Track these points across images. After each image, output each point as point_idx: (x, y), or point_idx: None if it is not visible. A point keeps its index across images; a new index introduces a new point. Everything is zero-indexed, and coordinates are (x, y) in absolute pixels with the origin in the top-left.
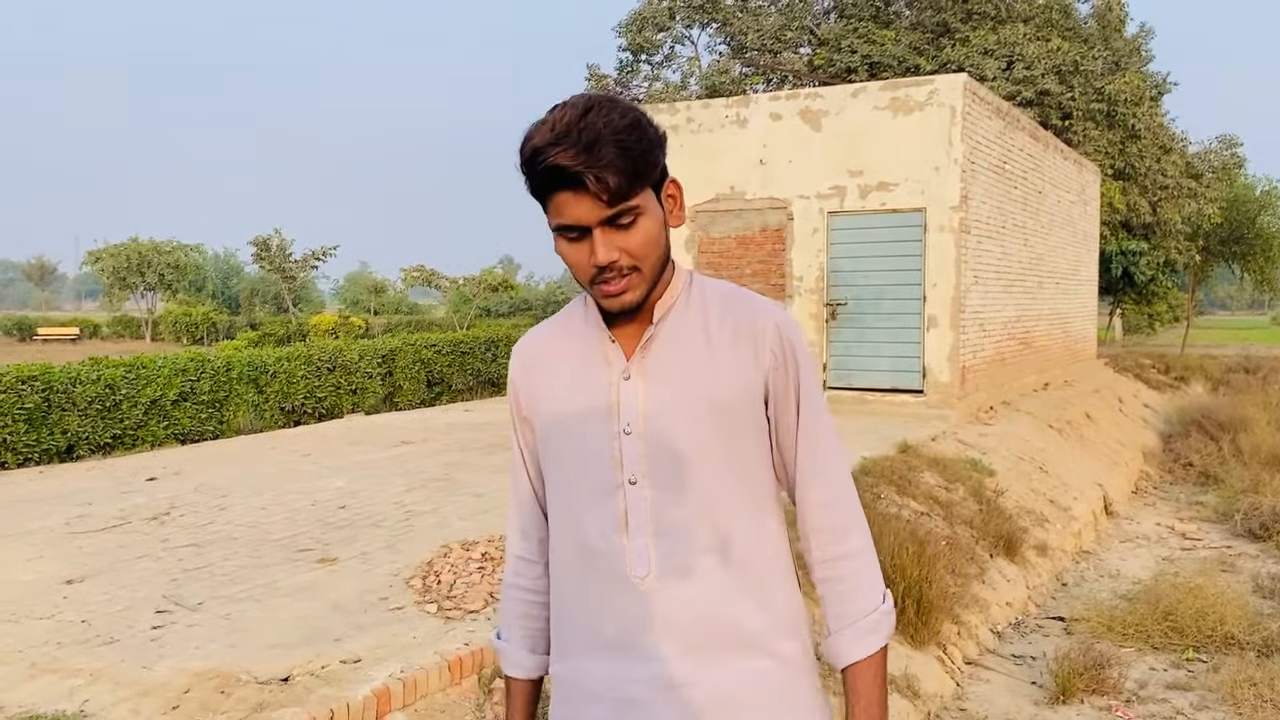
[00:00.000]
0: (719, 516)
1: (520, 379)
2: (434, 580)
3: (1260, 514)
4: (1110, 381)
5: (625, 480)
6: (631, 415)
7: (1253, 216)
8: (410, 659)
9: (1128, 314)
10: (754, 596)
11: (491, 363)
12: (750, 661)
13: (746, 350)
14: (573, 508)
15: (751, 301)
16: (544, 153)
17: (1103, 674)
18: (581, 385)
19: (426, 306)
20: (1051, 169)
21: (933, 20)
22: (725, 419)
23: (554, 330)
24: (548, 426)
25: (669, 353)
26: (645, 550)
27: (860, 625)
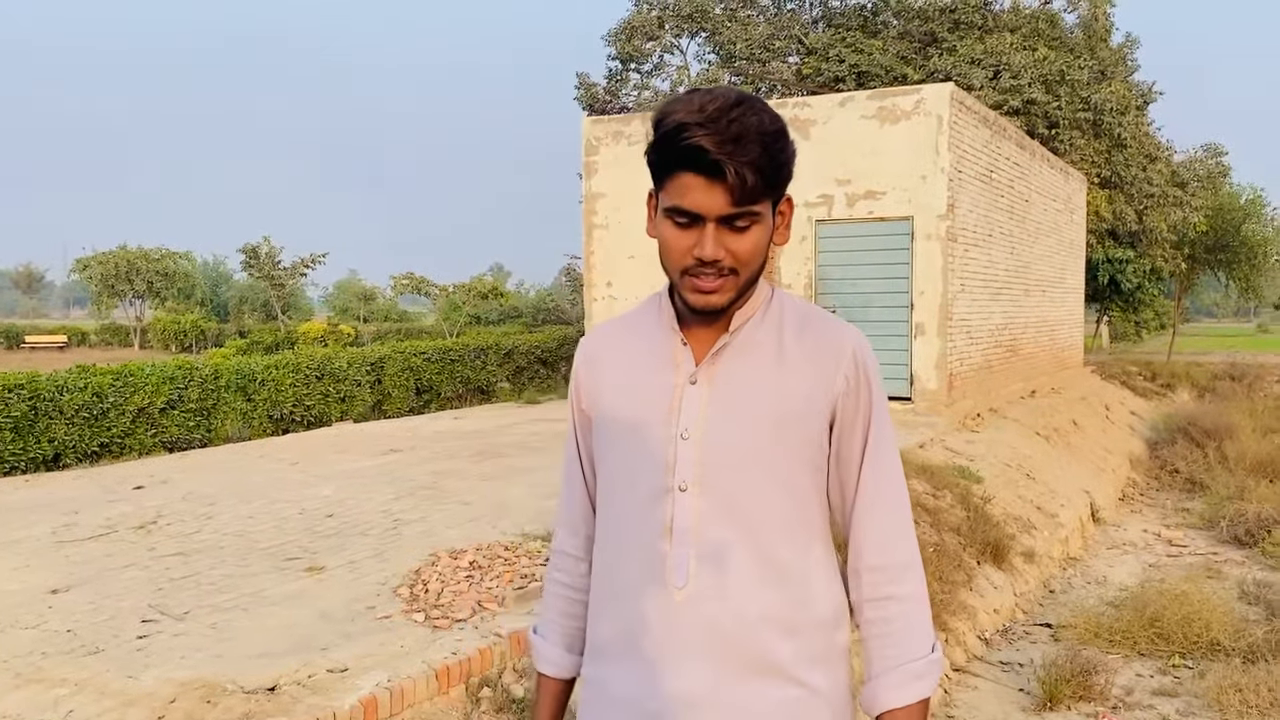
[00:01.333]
0: (765, 535)
1: (583, 373)
2: (421, 589)
3: (1246, 520)
4: (1097, 389)
5: (676, 486)
6: (691, 420)
7: (1238, 225)
8: (397, 668)
9: (1114, 321)
10: (789, 622)
11: (481, 370)
12: (778, 689)
13: (819, 371)
14: (620, 508)
15: (831, 324)
16: (689, 130)
17: (1090, 680)
18: (645, 384)
19: (416, 314)
20: (1038, 177)
21: (920, 30)
22: (785, 437)
23: (622, 327)
24: (605, 422)
25: (739, 363)
26: (686, 560)
27: (906, 670)
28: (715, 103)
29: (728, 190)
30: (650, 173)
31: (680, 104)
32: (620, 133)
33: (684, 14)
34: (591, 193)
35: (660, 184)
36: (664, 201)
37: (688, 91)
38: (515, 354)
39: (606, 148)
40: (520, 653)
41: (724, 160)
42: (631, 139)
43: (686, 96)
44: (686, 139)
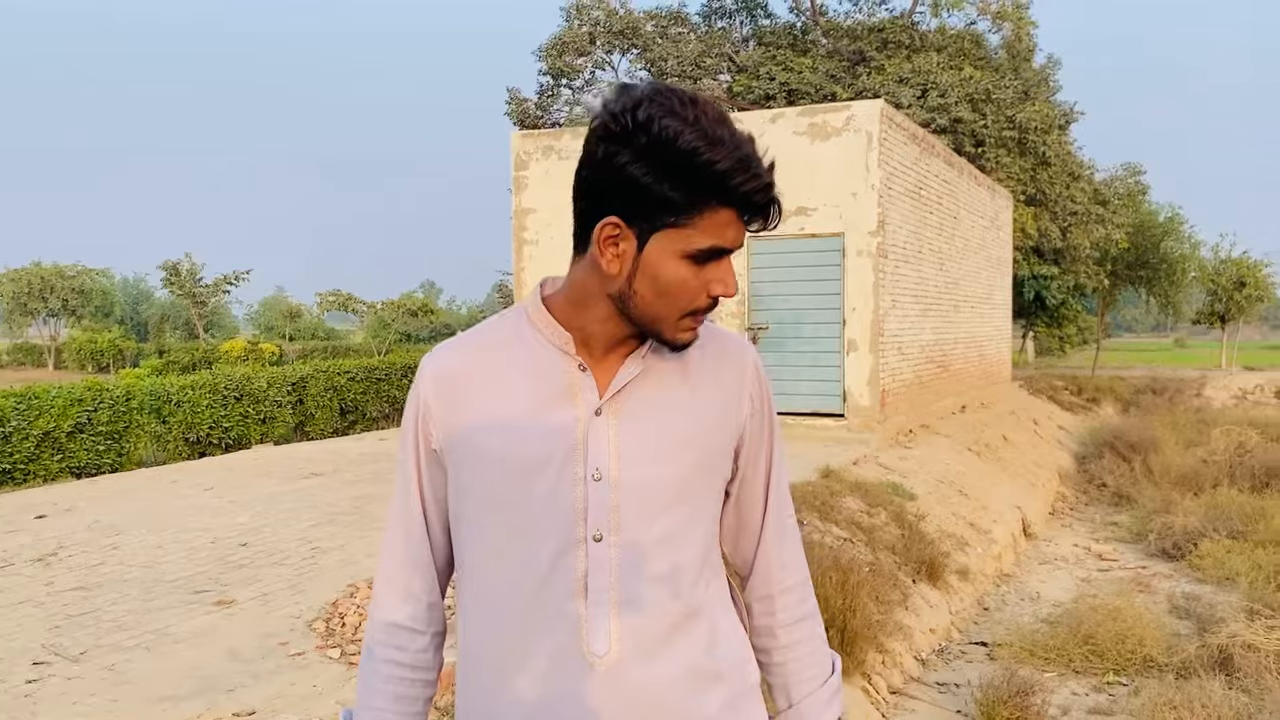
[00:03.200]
0: (687, 583)
1: (434, 403)
2: (338, 623)
3: (1173, 534)
4: (1025, 404)
5: (588, 536)
6: (601, 459)
7: (1157, 242)
8: (309, 710)
9: (1040, 337)
10: (714, 675)
11: (409, 390)
12: None
13: (726, 394)
14: (512, 568)
15: (727, 338)
16: (755, 168)
17: (1026, 701)
18: (536, 418)
19: (344, 332)
20: (966, 195)
21: (849, 49)
22: (703, 471)
23: (486, 345)
24: (479, 464)
25: (647, 390)
26: (605, 622)
27: (828, 687)
28: (745, 135)
29: (744, 226)
30: (625, 193)
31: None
32: (551, 148)
33: (615, 30)
34: (521, 208)
35: (675, 217)
36: (693, 240)
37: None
38: None
39: (537, 163)
40: (445, 688)
41: (777, 200)
42: (562, 154)
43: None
44: (753, 181)
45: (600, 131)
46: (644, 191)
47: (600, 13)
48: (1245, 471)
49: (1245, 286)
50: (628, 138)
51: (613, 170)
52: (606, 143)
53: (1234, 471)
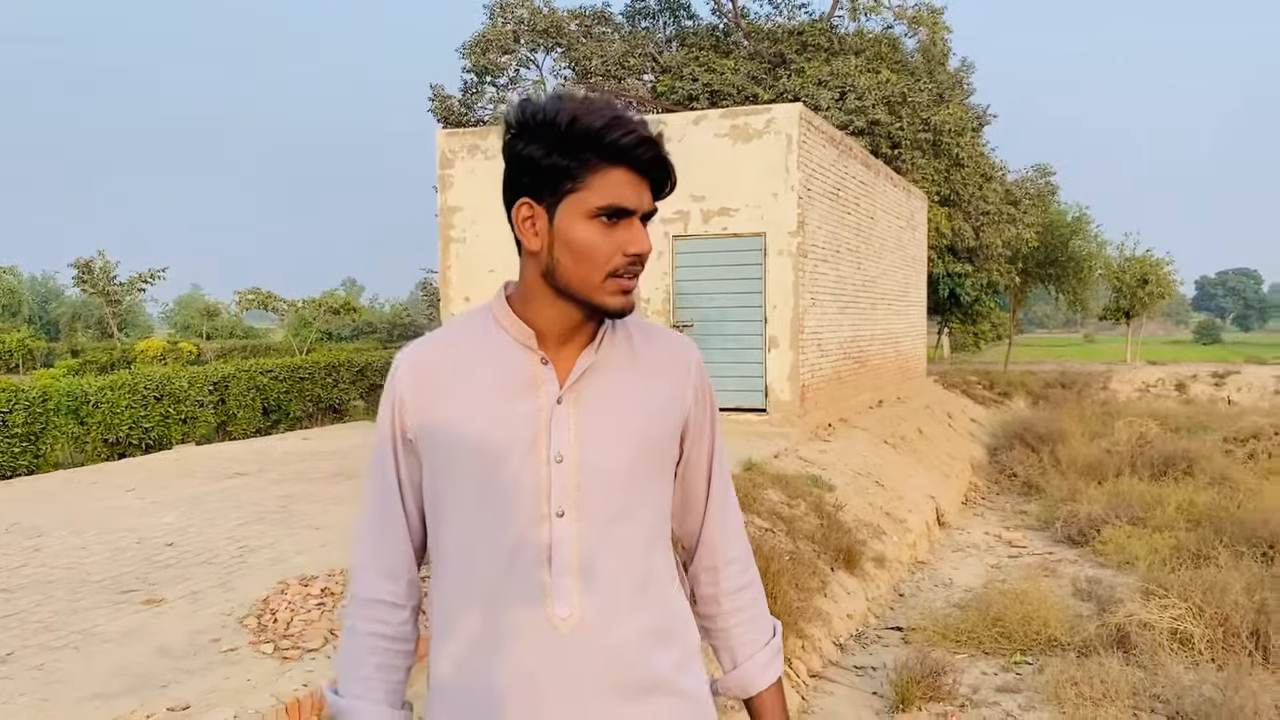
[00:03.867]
0: (640, 554)
1: (409, 395)
2: (270, 619)
3: (1078, 521)
4: (940, 398)
5: (553, 512)
6: (563, 444)
7: (1065, 240)
8: (244, 703)
9: (954, 333)
10: (664, 635)
11: (333, 389)
12: (663, 702)
13: (672, 385)
14: (485, 542)
15: (670, 336)
16: (630, 126)
17: (938, 681)
18: (504, 407)
19: (263, 330)
20: (882, 195)
21: (770, 51)
22: (653, 454)
23: (456, 342)
24: (453, 450)
25: (602, 381)
26: (569, 588)
27: (769, 649)
28: (609, 103)
29: (649, 186)
30: (526, 174)
31: (580, 103)
32: (476, 146)
33: (539, 29)
34: (447, 206)
35: (571, 182)
36: (590, 200)
37: (563, 96)
38: (369, 371)
39: (462, 161)
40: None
41: (664, 158)
42: (488, 153)
43: (580, 98)
44: (631, 132)
45: (507, 136)
46: (540, 167)
47: (524, 11)
48: (1145, 461)
49: (1148, 284)
50: (521, 128)
51: (515, 158)
52: (509, 141)
53: (1135, 461)
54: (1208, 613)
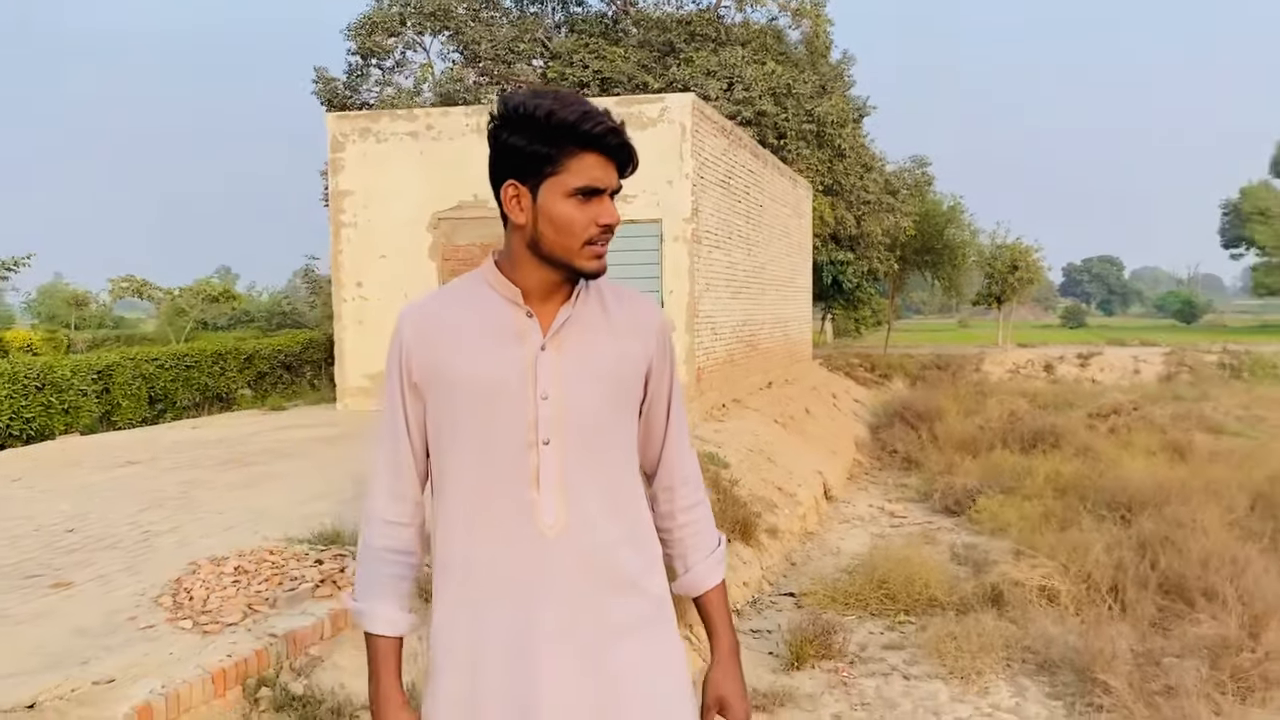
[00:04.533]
0: (612, 475)
1: (415, 345)
2: (185, 597)
3: (954, 492)
4: (825, 380)
5: (539, 440)
6: (548, 383)
7: (941, 229)
8: (170, 675)
9: (837, 319)
10: (633, 543)
11: (220, 377)
12: (632, 599)
13: (639, 337)
14: (486, 467)
15: (638, 297)
16: (599, 119)
17: (830, 640)
18: (499, 353)
19: (134, 320)
20: (770, 184)
21: (659, 40)
22: (622, 391)
23: (453, 301)
24: (455, 389)
25: (579, 332)
26: (554, 503)
27: (715, 556)
28: (577, 97)
29: (617, 168)
30: (511, 160)
31: (556, 98)
32: (368, 129)
33: (426, 11)
34: (339, 190)
35: (551, 169)
36: (561, 185)
37: (544, 90)
38: (257, 359)
39: (354, 145)
40: (299, 652)
41: (628, 143)
42: (380, 136)
43: (554, 94)
44: (601, 123)
45: (492, 126)
46: (524, 154)
47: None
48: (1016, 436)
49: (1018, 270)
50: (505, 121)
51: (501, 147)
52: (495, 132)
53: (1006, 436)
54: (1072, 571)
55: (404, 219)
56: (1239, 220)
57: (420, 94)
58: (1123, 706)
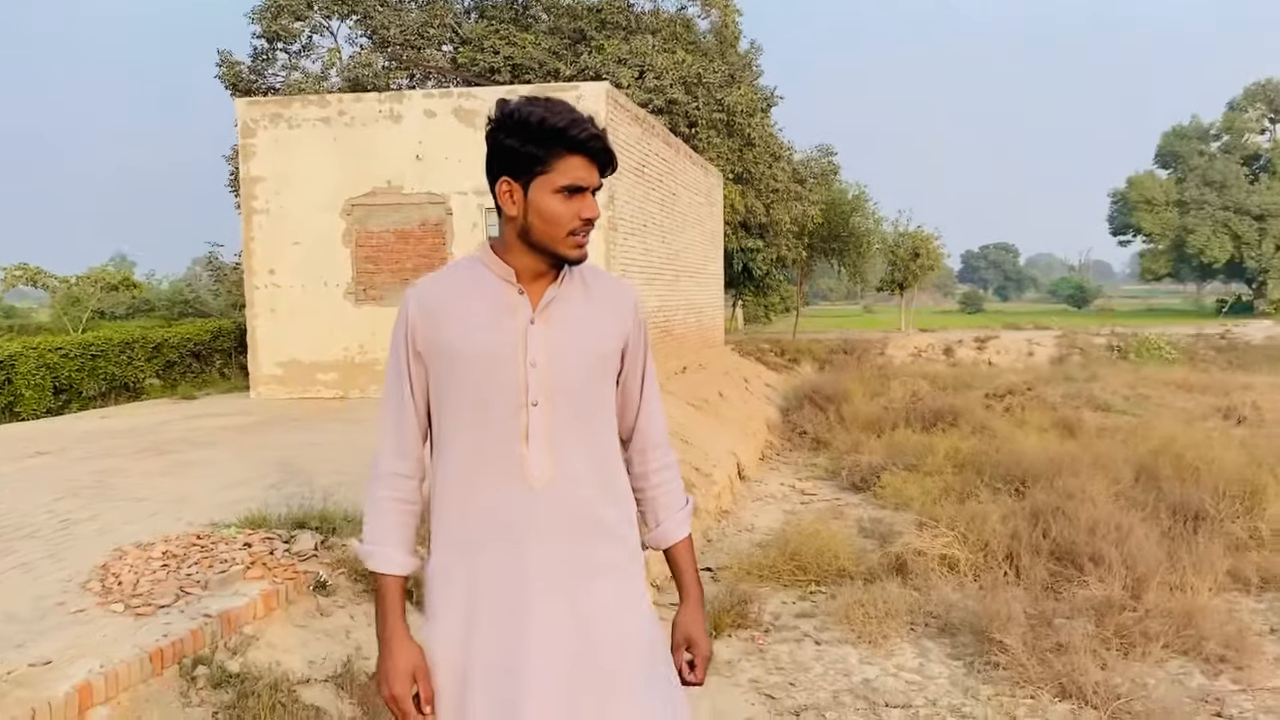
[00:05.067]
0: (594, 435)
1: (419, 320)
2: (114, 582)
3: (860, 470)
4: (737, 365)
5: (529, 402)
6: (537, 353)
7: (846, 217)
8: (108, 655)
9: (748, 305)
10: (612, 496)
11: (128, 366)
12: (610, 544)
13: (616, 314)
14: (482, 426)
15: (614, 279)
16: (586, 126)
17: (745, 610)
18: (494, 326)
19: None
20: (683, 173)
21: (570, 27)
22: (601, 362)
23: (454, 281)
24: (455, 357)
25: (564, 309)
26: (542, 458)
27: (683, 512)
28: (566, 106)
29: (599, 169)
30: (507, 160)
31: (540, 108)
32: (279, 115)
33: None
34: (250, 177)
35: (541, 169)
36: (549, 183)
37: (536, 97)
38: (165, 348)
39: (265, 130)
40: (233, 631)
41: (606, 145)
42: (293, 122)
43: (546, 101)
44: (587, 131)
45: (489, 129)
46: (518, 154)
47: None
48: (918, 416)
49: (919, 257)
50: (503, 125)
51: (498, 147)
52: (491, 133)
53: (909, 416)
54: (970, 540)
55: (317, 205)
56: (1126, 209)
57: (328, 79)
58: (1017, 664)
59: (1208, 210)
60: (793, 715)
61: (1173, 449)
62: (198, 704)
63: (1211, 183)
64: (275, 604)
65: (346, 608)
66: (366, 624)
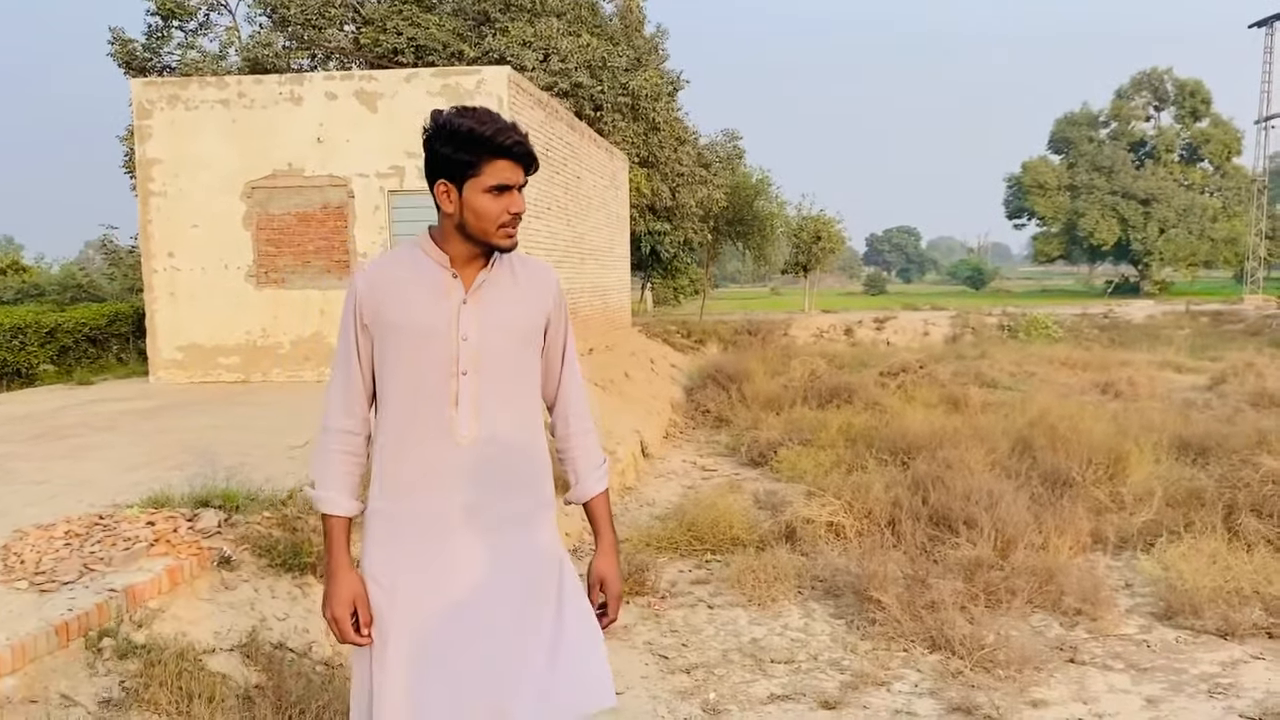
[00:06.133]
0: (515, 399)
1: (366, 297)
2: (16, 561)
3: (759, 446)
4: (643, 346)
5: (459, 372)
6: (468, 328)
7: (751, 200)
8: (13, 629)
9: (656, 288)
10: (529, 454)
11: (20, 352)
12: (524, 497)
13: (539, 295)
14: (416, 390)
15: (538, 263)
16: (509, 133)
17: (644, 578)
18: (431, 304)
19: None
20: (588, 157)
21: (474, 9)
22: (525, 338)
23: (399, 263)
24: (396, 330)
25: (492, 290)
26: (468, 419)
27: (600, 470)
28: (492, 114)
29: (524, 169)
30: (442, 165)
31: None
32: (177, 96)
33: None
34: (146, 159)
35: (473, 171)
36: (480, 184)
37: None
38: (59, 333)
39: (161, 112)
40: (138, 605)
41: (530, 150)
42: (190, 104)
43: (474, 112)
44: (511, 138)
45: (425, 137)
46: (451, 160)
47: None
48: (815, 393)
49: (821, 240)
50: (437, 133)
51: (433, 154)
52: (428, 141)
53: (807, 394)
54: (856, 508)
55: (216, 188)
56: (1021, 193)
57: (226, 58)
58: (893, 620)
59: (1097, 194)
60: (684, 673)
61: (1047, 421)
62: (104, 674)
63: (1100, 168)
64: (180, 579)
65: (250, 582)
66: (271, 597)
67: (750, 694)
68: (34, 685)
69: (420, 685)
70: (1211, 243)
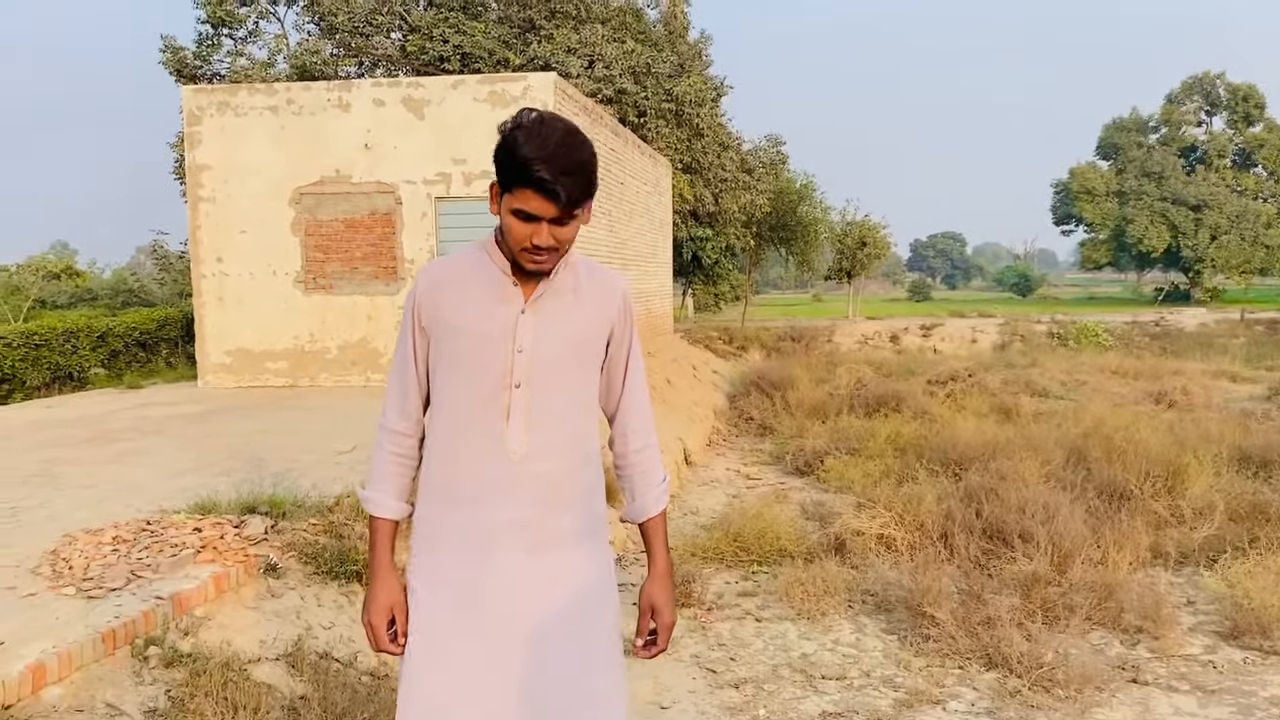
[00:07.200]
0: (570, 415)
1: (425, 297)
2: (65, 566)
3: (804, 454)
4: (685, 352)
5: (513, 384)
6: (524, 340)
7: (794, 206)
8: (61, 636)
9: (698, 294)
10: (584, 471)
11: (72, 356)
12: (575, 515)
13: (603, 306)
14: (469, 399)
15: (608, 273)
16: (536, 166)
17: (690, 589)
18: (489, 312)
19: None
20: (631, 162)
21: (519, 16)
22: (583, 351)
23: (462, 265)
24: (453, 336)
25: (552, 301)
26: (519, 434)
27: (659, 489)
28: (552, 137)
29: (557, 203)
30: (497, 170)
31: (525, 136)
32: (226, 103)
33: None
34: (196, 165)
35: (507, 188)
36: (510, 203)
37: (542, 121)
38: (110, 337)
39: (211, 118)
40: (184, 613)
41: (558, 189)
42: (239, 110)
43: (525, 126)
44: (535, 172)
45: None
46: (498, 168)
47: None
48: (861, 401)
49: (866, 246)
50: (501, 136)
51: (495, 157)
52: (498, 144)
53: (853, 402)
54: (907, 520)
55: (265, 194)
56: (1068, 199)
57: (275, 65)
58: (947, 636)
59: (1146, 200)
60: (733, 688)
61: (1102, 432)
62: (150, 683)
63: (1150, 174)
64: (226, 586)
65: (297, 589)
66: (317, 605)
67: (801, 711)
68: (80, 694)
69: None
70: (1266, 249)
